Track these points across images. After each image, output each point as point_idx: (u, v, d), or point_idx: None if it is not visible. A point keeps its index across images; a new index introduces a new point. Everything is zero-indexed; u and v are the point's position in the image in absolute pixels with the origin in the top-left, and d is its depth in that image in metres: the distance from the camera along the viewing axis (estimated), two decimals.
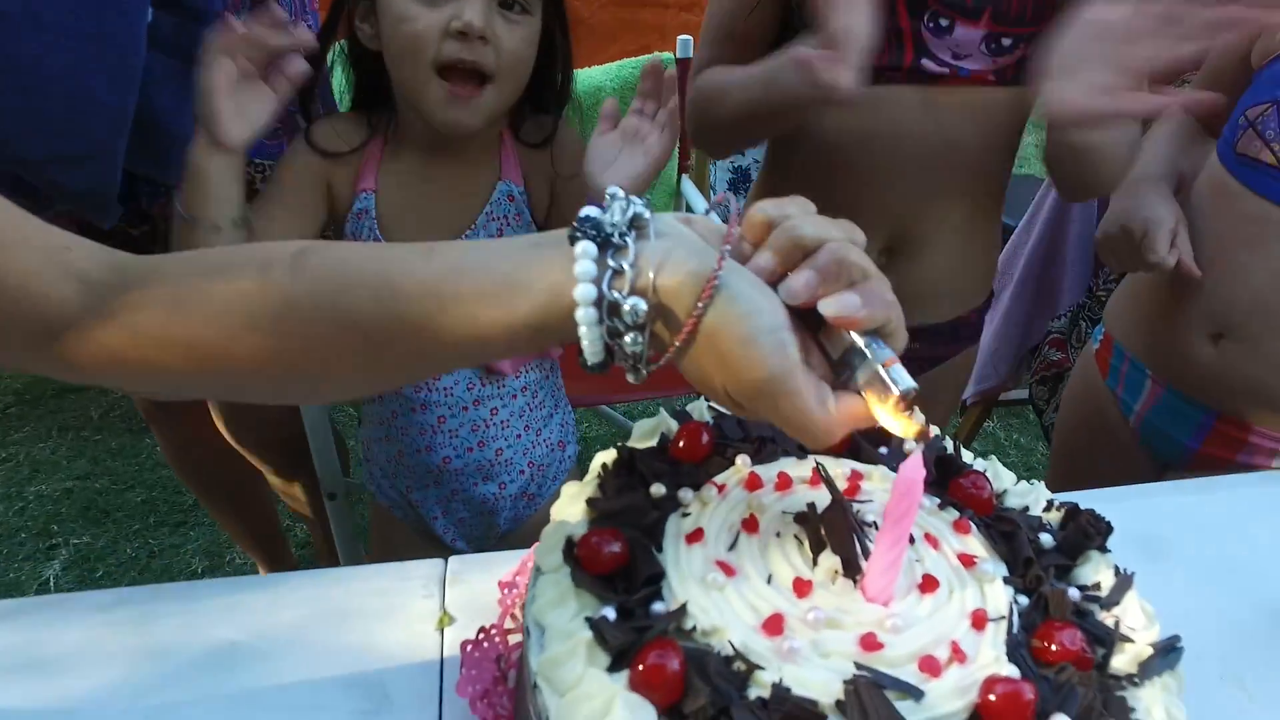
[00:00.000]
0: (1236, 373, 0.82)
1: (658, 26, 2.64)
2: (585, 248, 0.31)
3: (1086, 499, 0.56)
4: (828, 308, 0.32)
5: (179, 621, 0.50)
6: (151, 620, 0.50)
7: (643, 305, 0.31)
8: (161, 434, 1.19)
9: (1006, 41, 0.78)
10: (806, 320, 0.33)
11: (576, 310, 0.31)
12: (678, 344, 0.32)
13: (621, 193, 0.33)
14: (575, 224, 0.32)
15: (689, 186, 1.61)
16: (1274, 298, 0.77)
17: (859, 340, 0.33)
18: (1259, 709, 0.46)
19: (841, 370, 0.33)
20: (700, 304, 0.31)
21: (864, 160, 0.82)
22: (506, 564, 0.53)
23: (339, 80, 0.83)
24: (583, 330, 0.32)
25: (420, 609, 0.51)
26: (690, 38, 1.45)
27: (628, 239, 0.32)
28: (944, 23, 0.78)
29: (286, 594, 0.53)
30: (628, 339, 0.32)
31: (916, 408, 0.33)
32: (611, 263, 0.31)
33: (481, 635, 0.44)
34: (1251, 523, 0.60)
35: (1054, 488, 0.48)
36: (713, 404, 0.47)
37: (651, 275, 0.32)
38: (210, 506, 1.36)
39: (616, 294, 0.31)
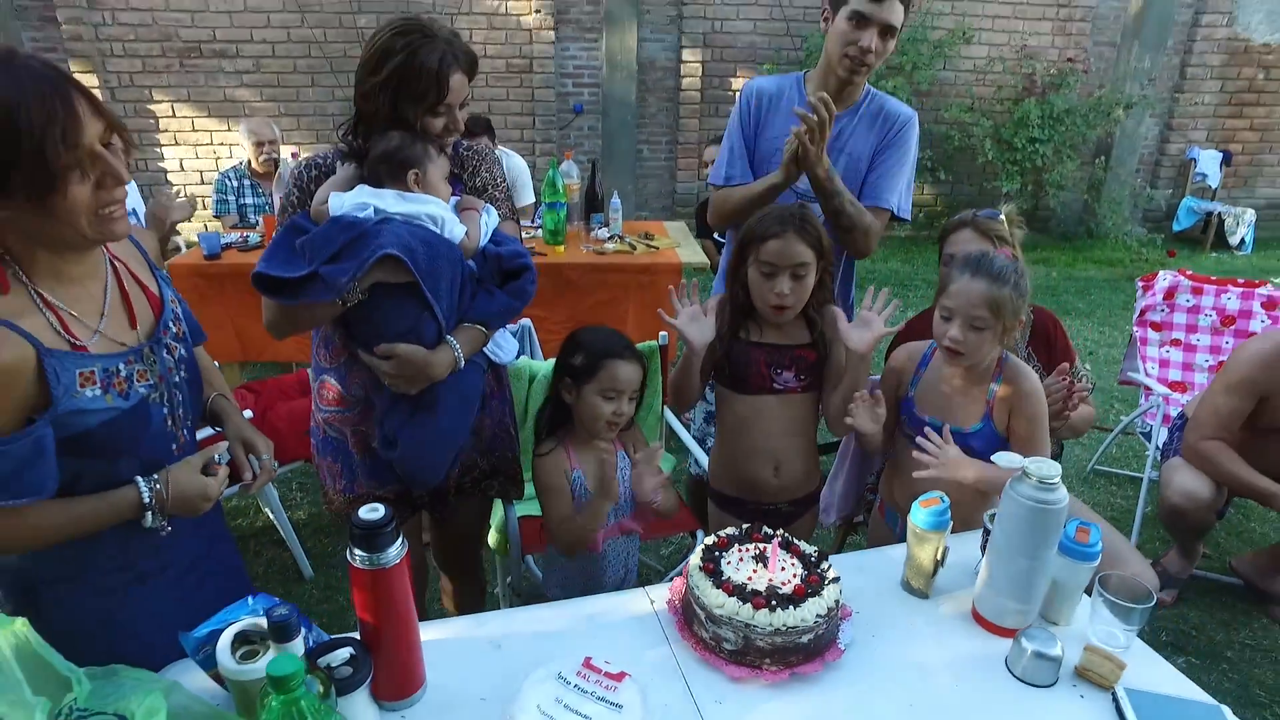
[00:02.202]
0: None
1: (621, 284, 4.04)
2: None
3: (858, 555, 1.86)
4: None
5: (574, 610, 1.70)
6: (578, 608, 1.69)
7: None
8: None
9: (803, 378, 2.14)
10: None
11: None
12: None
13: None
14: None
15: (669, 415, 2.92)
16: (922, 487, 2.00)
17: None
18: (901, 628, 1.73)
19: None
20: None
21: (754, 428, 2.14)
22: (663, 588, 1.74)
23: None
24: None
25: (641, 601, 1.72)
26: (667, 333, 2.78)
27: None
28: (779, 372, 2.14)
29: (592, 603, 1.73)
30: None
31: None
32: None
33: (669, 599, 1.67)
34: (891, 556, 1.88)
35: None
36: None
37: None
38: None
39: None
